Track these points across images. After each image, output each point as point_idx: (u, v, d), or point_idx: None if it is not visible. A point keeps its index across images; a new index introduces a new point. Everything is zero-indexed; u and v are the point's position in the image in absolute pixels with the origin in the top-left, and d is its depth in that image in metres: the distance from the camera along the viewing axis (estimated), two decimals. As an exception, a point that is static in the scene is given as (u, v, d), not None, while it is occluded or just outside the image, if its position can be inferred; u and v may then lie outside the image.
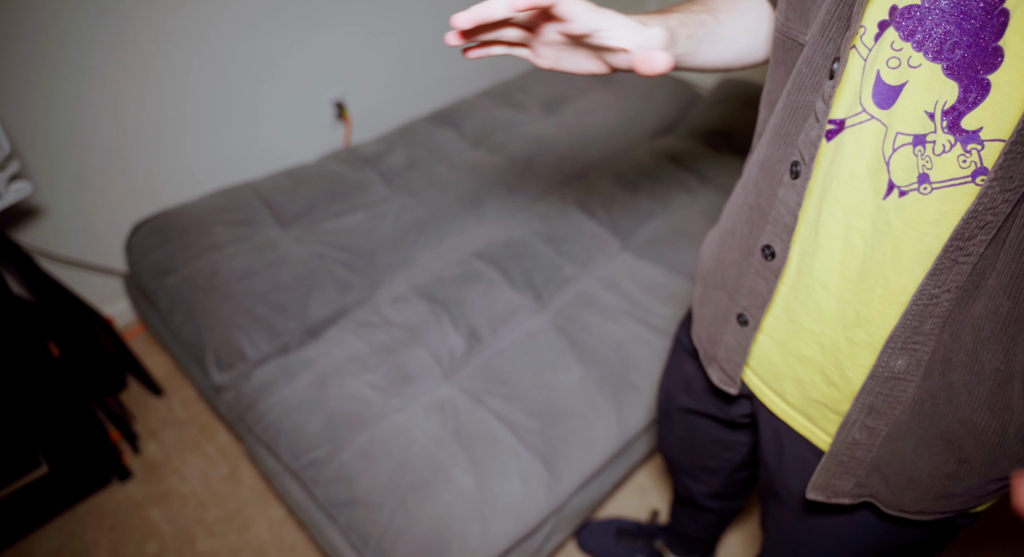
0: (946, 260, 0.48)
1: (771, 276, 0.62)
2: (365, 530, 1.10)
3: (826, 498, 0.66)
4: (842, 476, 0.63)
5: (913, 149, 0.47)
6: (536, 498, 1.14)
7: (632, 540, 1.43)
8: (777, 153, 0.58)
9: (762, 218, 0.61)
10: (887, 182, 0.50)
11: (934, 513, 0.63)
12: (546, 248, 1.57)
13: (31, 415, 1.33)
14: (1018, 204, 0.44)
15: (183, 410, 1.72)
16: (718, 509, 1.16)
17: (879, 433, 0.59)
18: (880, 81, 0.48)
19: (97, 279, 1.82)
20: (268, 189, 1.67)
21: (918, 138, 0.47)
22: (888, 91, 0.48)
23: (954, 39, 0.44)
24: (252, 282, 1.43)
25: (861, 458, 0.61)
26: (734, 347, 0.71)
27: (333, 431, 1.19)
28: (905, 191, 0.49)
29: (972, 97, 0.44)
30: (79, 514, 1.51)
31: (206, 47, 1.69)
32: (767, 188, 0.60)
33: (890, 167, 0.49)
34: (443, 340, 1.36)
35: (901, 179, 0.49)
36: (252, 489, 1.56)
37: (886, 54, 0.48)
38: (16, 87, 1.46)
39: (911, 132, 0.47)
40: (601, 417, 1.25)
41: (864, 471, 0.62)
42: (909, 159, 0.48)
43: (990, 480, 0.59)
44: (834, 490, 0.65)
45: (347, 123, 2.06)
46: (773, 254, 0.61)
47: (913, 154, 0.48)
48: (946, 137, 0.46)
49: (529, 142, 1.90)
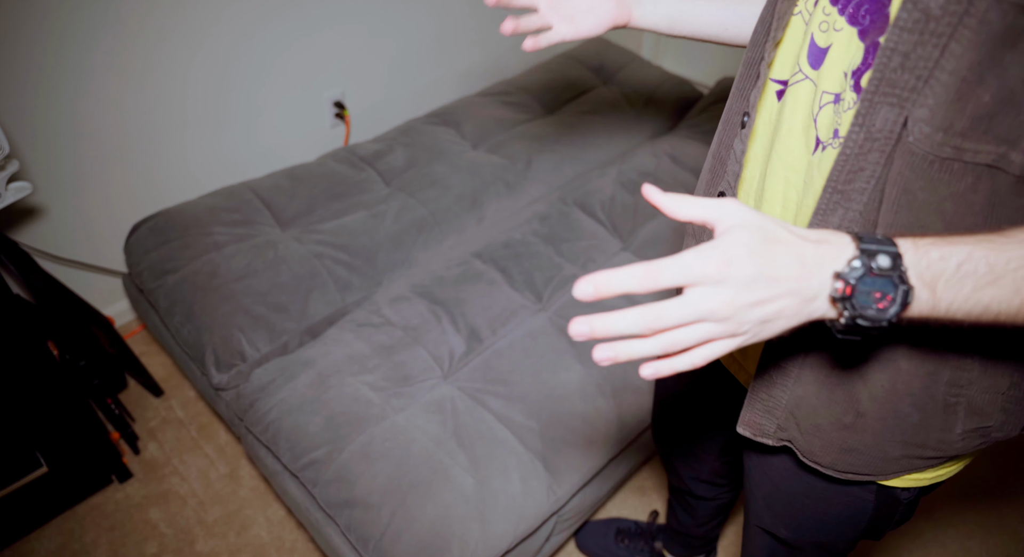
0: (826, 201, 0.50)
1: None
2: (365, 530, 1.10)
3: (752, 434, 0.68)
4: (764, 415, 0.66)
5: (833, 107, 0.52)
6: (536, 498, 1.14)
7: (631, 540, 1.43)
8: (735, 106, 0.64)
9: (721, 166, 0.67)
10: (815, 138, 0.54)
11: (845, 471, 0.65)
12: (546, 248, 1.57)
13: (31, 415, 1.33)
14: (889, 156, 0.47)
15: (182, 410, 1.72)
16: (711, 497, 1.17)
17: (789, 373, 0.61)
18: (813, 43, 0.52)
19: (97, 279, 1.82)
20: (267, 189, 1.67)
21: (837, 96, 0.51)
22: (819, 53, 0.52)
23: (865, 5, 0.48)
24: (251, 282, 1.42)
25: (778, 398, 0.63)
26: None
27: (333, 431, 1.19)
28: (826, 146, 0.53)
29: (870, 58, 0.48)
30: (79, 514, 1.51)
31: (206, 47, 1.68)
32: (727, 139, 0.65)
33: (817, 124, 0.53)
34: (443, 340, 1.36)
35: (824, 135, 0.53)
36: (252, 489, 1.56)
37: (819, 18, 0.52)
38: (16, 87, 1.46)
39: (832, 91, 0.51)
40: (601, 417, 1.25)
41: (782, 413, 0.64)
42: (829, 116, 0.52)
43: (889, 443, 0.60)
44: (760, 429, 0.67)
45: (347, 123, 2.06)
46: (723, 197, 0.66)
47: (833, 112, 0.52)
48: (851, 95, 0.49)
49: (529, 142, 1.90)
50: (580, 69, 2.23)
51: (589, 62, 2.26)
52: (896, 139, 0.46)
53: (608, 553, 1.44)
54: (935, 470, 0.66)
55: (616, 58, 2.28)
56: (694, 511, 1.24)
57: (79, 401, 1.40)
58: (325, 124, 2.04)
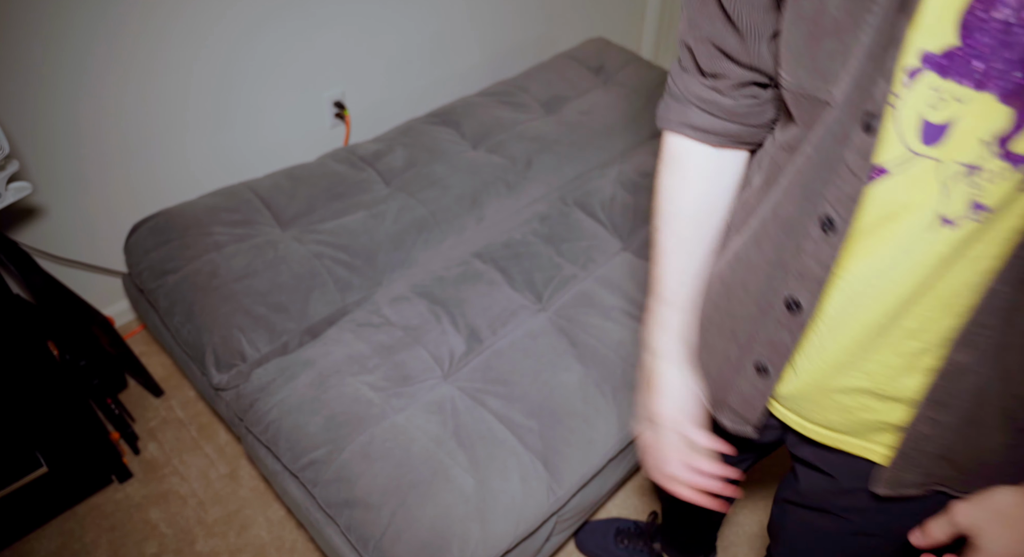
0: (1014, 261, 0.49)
1: (796, 328, 0.62)
2: (365, 530, 1.10)
3: (893, 491, 0.66)
4: (909, 469, 0.64)
5: (966, 180, 0.48)
6: (536, 499, 1.14)
7: (631, 541, 1.43)
8: (800, 208, 0.57)
9: (783, 272, 0.61)
10: (936, 215, 0.51)
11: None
12: (546, 248, 1.57)
13: (31, 415, 1.33)
14: None
15: (182, 410, 1.72)
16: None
17: (945, 425, 0.60)
18: (925, 122, 0.49)
19: (97, 279, 1.82)
20: (267, 189, 1.67)
21: (971, 168, 0.48)
22: (934, 129, 0.48)
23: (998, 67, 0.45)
24: (251, 282, 1.42)
25: (928, 450, 0.62)
26: (752, 394, 0.69)
27: (333, 431, 1.19)
28: (955, 221, 0.50)
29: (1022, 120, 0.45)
30: (79, 514, 1.51)
31: (206, 47, 1.68)
32: (790, 243, 0.59)
33: (945, 201, 0.50)
34: (443, 340, 1.36)
35: (953, 210, 0.50)
36: (252, 489, 1.56)
37: (924, 96, 0.48)
38: (16, 87, 1.46)
39: (965, 163, 0.48)
40: (601, 417, 1.25)
41: (930, 461, 0.63)
42: (962, 190, 0.49)
43: None
44: (900, 483, 0.66)
45: (347, 123, 2.06)
46: (799, 306, 0.60)
47: (966, 185, 0.48)
48: (999, 163, 0.47)
49: (529, 142, 1.90)
50: (580, 69, 2.23)
51: (589, 62, 2.26)
52: None
53: (607, 553, 1.44)
54: None
55: (616, 58, 2.28)
56: (689, 518, 1.23)
57: (79, 401, 1.40)
58: (325, 124, 2.04)
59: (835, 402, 0.65)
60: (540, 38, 2.51)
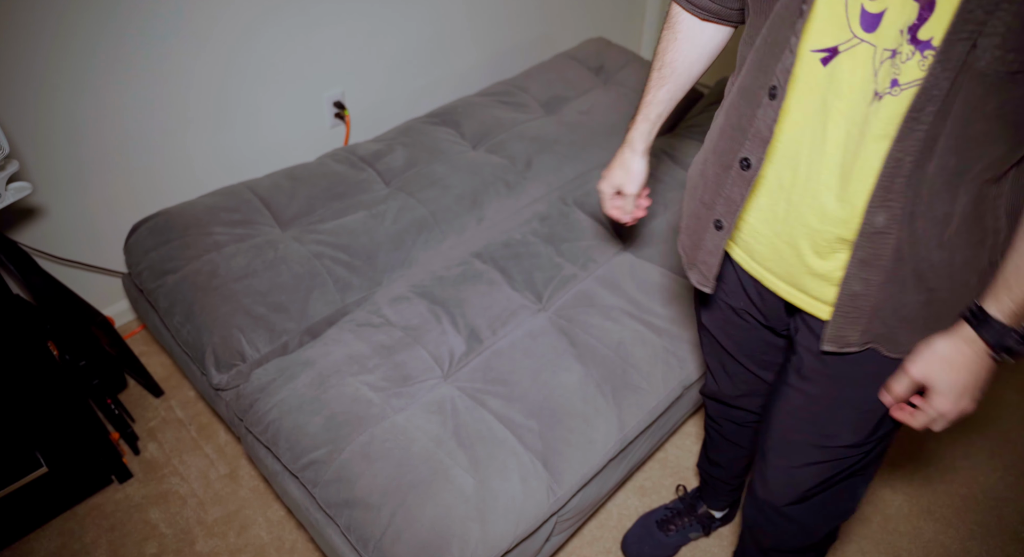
0: (905, 129, 0.62)
1: (744, 185, 0.76)
2: (365, 530, 1.10)
3: (838, 348, 0.79)
4: (849, 326, 0.77)
5: (890, 61, 0.62)
6: (536, 499, 1.14)
7: (677, 522, 1.44)
8: (757, 81, 0.71)
9: (741, 135, 0.75)
10: (873, 91, 0.64)
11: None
12: (546, 248, 1.57)
13: (31, 415, 1.33)
14: (955, 81, 0.59)
15: (182, 410, 1.72)
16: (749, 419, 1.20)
17: (873, 282, 0.73)
18: (864, 11, 0.62)
19: (97, 279, 1.82)
20: (267, 188, 1.67)
21: (893, 52, 0.61)
22: (872, 18, 0.62)
23: None
24: (251, 282, 1.42)
25: (862, 307, 0.75)
26: (711, 250, 0.86)
27: (333, 431, 1.19)
28: (882, 95, 0.63)
29: (924, 14, 0.59)
30: (78, 514, 1.51)
31: (206, 47, 1.68)
32: (747, 110, 0.73)
33: (877, 78, 0.63)
34: (443, 340, 1.36)
35: (882, 87, 0.63)
36: (251, 489, 1.56)
37: None
38: (16, 87, 1.46)
39: (889, 48, 0.61)
40: (601, 417, 1.25)
41: (866, 318, 0.76)
42: (887, 70, 0.62)
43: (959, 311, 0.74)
44: (845, 340, 0.78)
45: (346, 123, 2.06)
46: (748, 165, 0.75)
47: (890, 65, 0.62)
48: (909, 47, 0.60)
49: (529, 142, 1.90)
50: (580, 69, 2.23)
51: (589, 62, 2.26)
52: (962, 65, 0.58)
53: (665, 548, 1.44)
54: None
55: (616, 58, 2.28)
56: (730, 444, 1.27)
57: (79, 401, 1.40)
58: (325, 124, 2.04)
59: (777, 251, 0.81)
60: (540, 38, 2.51)
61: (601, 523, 1.52)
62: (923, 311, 0.74)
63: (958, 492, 1.58)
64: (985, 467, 1.63)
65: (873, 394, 0.83)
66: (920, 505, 1.56)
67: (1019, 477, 1.62)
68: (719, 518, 1.46)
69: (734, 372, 1.11)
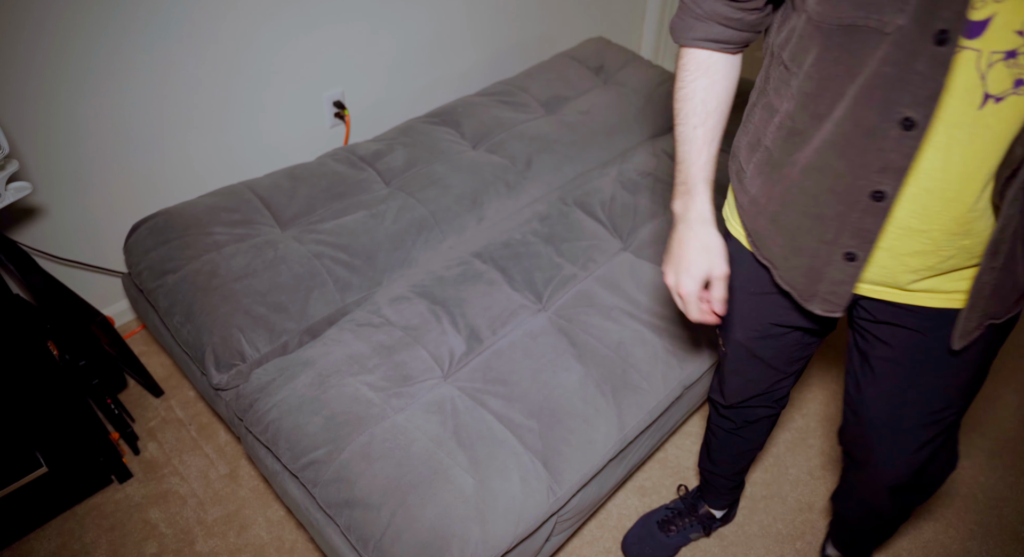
0: None
1: (880, 215, 0.73)
2: (365, 530, 1.10)
3: (968, 341, 0.80)
4: (978, 318, 0.78)
5: (1004, 62, 0.62)
6: (536, 499, 1.14)
7: (678, 523, 1.45)
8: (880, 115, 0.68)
9: (864, 170, 0.72)
10: (983, 95, 0.64)
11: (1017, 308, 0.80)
12: (546, 248, 1.57)
13: (31, 415, 1.33)
14: None
15: (182, 410, 1.72)
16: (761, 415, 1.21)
17: (997, 268, 0.73)
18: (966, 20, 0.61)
19: (97, 279, 1.82)
20: (267, 188, 1.67)
21: (1009, 53, 0.61)
22: (975, 26, 0.62)
23: None
24: (251, 282, 1.42)
25: (985, 294, 0.76)
26: (842, 280, 0.81)
27: (332, 431, 1.19)
28: (1001, 97, 0.63)
29: None
30: (78, 514, 1.51)
31: (206, 47, 1.68)
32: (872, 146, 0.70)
33: (986, 82, 0.63)
34: (443, 340, 1.36)
35: (996, 89, 0.63)
36: (251, 489, 1.56)
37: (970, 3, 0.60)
38: (16, 87, 1.46)
39: (1003, 50, 0.61)
40: (601, 417, 1.25)
41: (986, 303, 0.77)
42: (1002, 72, 0.62)
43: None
44: (972, 334, 0.80)
45: (346, 122, 2.06)
46: (882, 196, 0.72)
47: (1005, 67, 0.62)
48: None
49: (529, 142, 1.90)
50: (580, 69, 2.23)
51: (589, 62, 2.26)
52: None
53: (665, 548, 1.45)
54: None
55: (616, 58, 2.28)
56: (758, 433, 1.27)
57: (79, 401, 1.40)
58: (325, 124, 2.04)
59: (906, 266, 0.79)
60: (539, 38, 2.51)
61: (601, 523, 1.52)
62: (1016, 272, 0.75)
63: (958, 492, 1.58)
64: (985, 467, 1.63)
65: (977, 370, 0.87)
66: (921, 504, 1.56)
67: (1019, 477, 1.62)
68: (719, 518, 1.47)
69: (761, 375, 1.10)
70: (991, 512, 1.55)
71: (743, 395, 1.17)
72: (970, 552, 1.47)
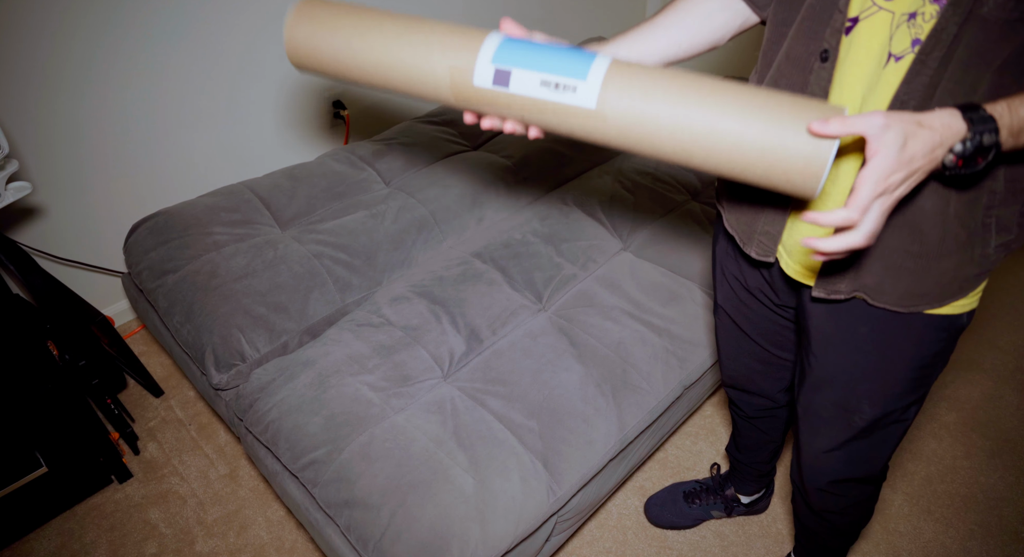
0: (912, 73, 0.66)
1: None
2: (364, 531, 1.10)
3: (826, 294, 0.83)
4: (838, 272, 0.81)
5: (907, 24, 0.66)
6: (536, 499, 1.14)
7: (702, 498, 1.49)
8: (807, 47, 0.74)
9: None
10: (887, 54, 0.68)
11: (909, 305, 0.80)
12: (546, 248, 1.57)
13: (31, 415, 1.33)
14: (962, 26, 0.62)
15: (182, 410, 1.72)
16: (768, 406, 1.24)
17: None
18: None
19: (97, 279, 1.82)
20: (267, 188, 1.67)
21: (911, 15, 0.65)
22: None
23: None
24: (251, 282, 1.42)
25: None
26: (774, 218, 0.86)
27: (332, 431, 1.19)
28: (900, 57, 0.67)
29: None
30: (78, 514, 1.51)
31: (206, 47, 1.68)
32: (798, 77, 0.76)
33: (892, 42, 0.67)
34: (443, 340, 1.35)
35: (898, 49, 0.67)
36: (251, 489, 1.56)
37: None
38: (16, 87, 1.46)
39: (907, 11, 0.65)
40: (601, 417, 1.25)
41: (854, 265, 0.79)
42: (904, 32, 0.66)
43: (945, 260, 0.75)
44: (832, 286, 0.83)
45: (346, 122, 2.06)
46: None
47: (907, 28, 0.66)
48: (931, 7, 0.64)
49: (529, 142, 1.90)
50: (580, 69, 2.22)
51: (589, 62, 2.26)
52: (968, 12, 0.62)
53: (685, 517, 1.49)
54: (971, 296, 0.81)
55: (616, 58, 2.28)
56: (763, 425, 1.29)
57: (79, 401, 1.40)
58: (325, 124, 2.04)
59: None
60: (540, 38, 2.51)
61: (601, 523, 1.52)
62: (910, 262, 0.76)
63: (958, 492, 1.58)
64: (985, 467, 1.63)
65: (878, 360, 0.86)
66: (920, 505, 1.56)
67: (1019, 477, 1.62)
68: (745, 503, 1.49)
69: (749, 352, 1.13)
70: (991, 512, 1.55)
71: (736, 371, 1.19)
72: (970, 552, 1.47)
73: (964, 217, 0.73)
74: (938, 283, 0.78)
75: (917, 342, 0.85)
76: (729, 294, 1.07)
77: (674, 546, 1.48)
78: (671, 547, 1.48)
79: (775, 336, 1.07)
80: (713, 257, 1.08)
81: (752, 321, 1.07)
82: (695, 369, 1.38)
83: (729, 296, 1.07)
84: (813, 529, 1.20)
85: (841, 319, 0.87)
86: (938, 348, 0.86)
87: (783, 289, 0.96)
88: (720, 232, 1.03)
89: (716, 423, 1.72)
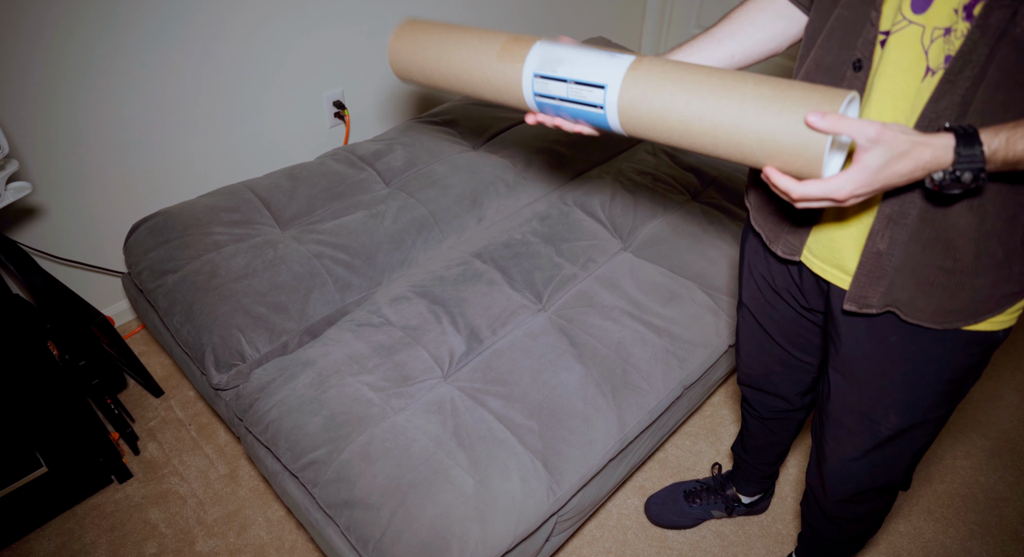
0: (940, 91, 0.66)
1: None
2: (364, 531, 1.10)
3: (858, 308, 0.82)
4: (871, 285, 0.80)
5: (943, 39, 0.65)
6: (536, 499, 1.14)
7: (703, 498, 1.49)
8: (839, 57, 0.74)
9: None
10: (925, 68, 0.67)
11: (943, 322, 0.78)
12: (546, 248, 1.57)
13: (31, 415, 1.33)
14: (995, 47, 0.62)
15: (182, 410, 1.72)
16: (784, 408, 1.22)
17: (897, 241, 0.75)
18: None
19: (97, 279, 1.82)
20: (267, 188, 1.67)
21: (947, 30, 0.65)
22: (920, 2, 0.66)
23: None
24: (251, 282, 1.42)
25: (884, 266, 0.77)
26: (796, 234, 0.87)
27: (332, 431, 1.19)
28: (935, 71, 0.67)
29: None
30: (78, 514, 1.51)
31: (206, 48, 1.68)
32: (830, 84, 0.75)
33: (928, 56, 0.67)
34: (443, 340, 1.35)
35: (934, 64, 0.67)
36: (251, 489, 1.56)
37: None
38: (16, 87, 1.46)
39: (942, 26, 0.65)
40: (601, 417, 1.25)
41: (887, 279, 0.78)
42: (940, 47, 0.66)
43: (980, 278, 0.74)
44: (865, 301, 0.81)
45: (346, 122, 2.06)
46: None
47: (943, 43, 0.65)
48: (964, 24, 0.64)
49: (529, 142, 1.90)
50: (580, 69, 2.22)
51: (589, 62, 2.26)
52: (1001, 33, 0.62)
53: (685, 517, 1.49)
54: (1008, 313, 0.79)
55: (616, 58, 2.28)
56: (775, 426, 1.28)
57: (79, 401, 1.40)
58: (325, 124, 2.04)
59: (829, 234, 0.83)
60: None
61: (601, 523, 1.52)
62: (943, 278, 0.75)
63: (958, 492, 1.58)
64: (985, 467, 1.63)
65: (907, 370, 0.85)
66: (920, 505, 1.56)
67: (1019, 477, 1.62)
68: (746, 504, 1.49)
69: (770, 352, 1.12)
70: (991, 512, 1.55)
71: (755, 370, 1.18)
72: (970, 552, 1.47)
73: (1003, 235, 0.72)
74: (973, 300, 0.76)
75: (950, 355, 0.83)
76: (755, 293, 1.06)
77: (674, 546, 1.48)
78: (671, 547, 1.48)
79: (799, 339, 1.06)
80: (741, 254, 1.07)
81: (776, 322, 1.06)
82: (695, 369, 1.38)
83: (755, 295, 1.06)
84: (824, 535, 1.19)
85: (872, 327, 0.85)
86: (972, 362, 0.84)
87: (812, 292, 0.95)
88: (748, 229, 1.03)
89: (716, 423, 1.72)
